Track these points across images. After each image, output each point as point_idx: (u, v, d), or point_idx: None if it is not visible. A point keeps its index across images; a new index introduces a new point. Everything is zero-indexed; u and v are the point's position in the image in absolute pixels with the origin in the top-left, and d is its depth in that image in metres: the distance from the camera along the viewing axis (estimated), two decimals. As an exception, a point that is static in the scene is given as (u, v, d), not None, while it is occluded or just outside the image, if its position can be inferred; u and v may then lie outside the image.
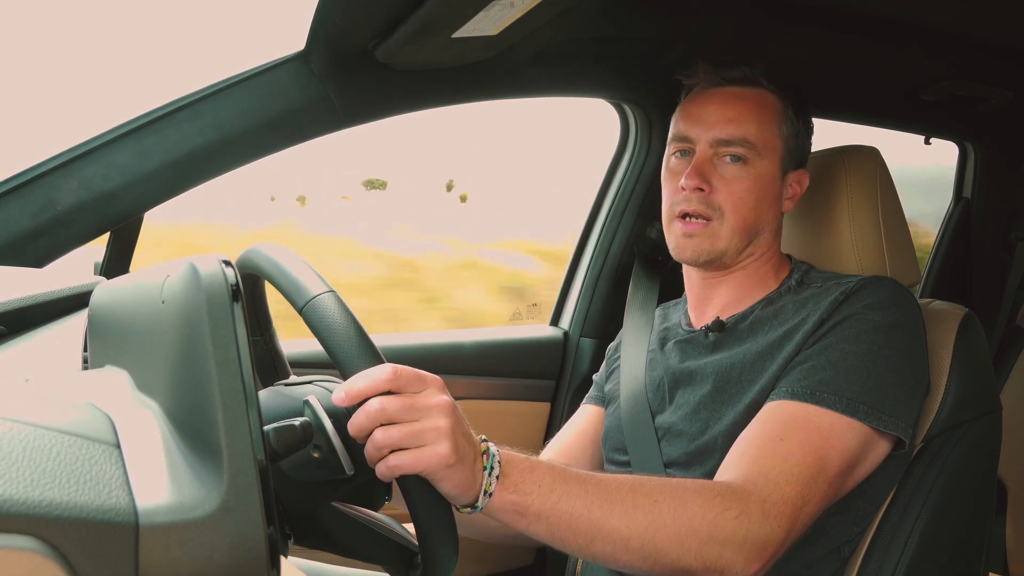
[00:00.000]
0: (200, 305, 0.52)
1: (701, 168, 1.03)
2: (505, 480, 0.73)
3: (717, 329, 1.07)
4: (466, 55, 1.22)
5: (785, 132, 1.07)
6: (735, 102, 1.06)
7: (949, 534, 0.98)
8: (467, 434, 0.72)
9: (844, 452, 0.88)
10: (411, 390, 0.69)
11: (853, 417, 0.89)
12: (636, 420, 1.08)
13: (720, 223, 1.04)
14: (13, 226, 1.06)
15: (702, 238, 1.04)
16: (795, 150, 1.09)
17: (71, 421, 0.49)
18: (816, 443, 0.87)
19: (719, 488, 0.83)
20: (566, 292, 1.74)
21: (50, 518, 0.43)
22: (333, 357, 0.70)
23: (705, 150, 1.05)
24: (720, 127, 1.04)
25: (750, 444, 0.89)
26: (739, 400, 0.98)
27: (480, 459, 0.72)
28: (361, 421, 0.68)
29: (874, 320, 0.94)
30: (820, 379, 0.91)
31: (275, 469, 0.73)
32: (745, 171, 1.04)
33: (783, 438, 0.87)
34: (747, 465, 0.86)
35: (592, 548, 0.78)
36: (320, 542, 0.78)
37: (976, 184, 2.01)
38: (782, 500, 0.83)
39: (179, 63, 2.58)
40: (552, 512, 0.75)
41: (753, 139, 1.04)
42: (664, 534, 0.78)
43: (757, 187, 1.04)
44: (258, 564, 0.48)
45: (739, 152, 1.03)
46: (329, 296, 0.71)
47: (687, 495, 0.80)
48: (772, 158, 1.05)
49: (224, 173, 1.19)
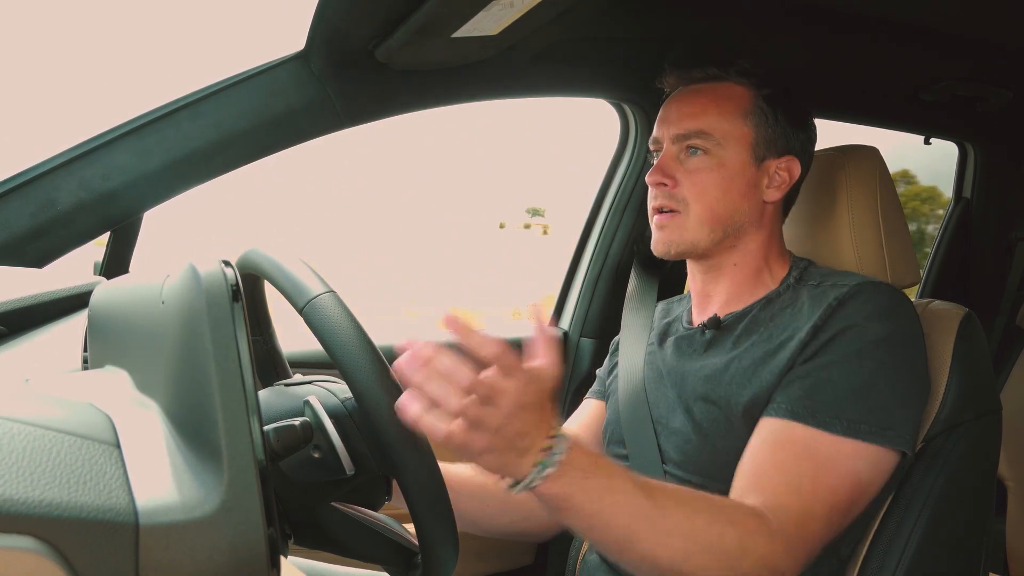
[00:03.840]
0: (200, 305, 0.52)
1: (664, 165, 1.08)
2: (559, 479, 0.73)
3: (713, 326, 1.07)
4: (466, 55, 1.22)
5: (754, 120, 1.07)
6: (694, 98, 1.09)
7: (949, 534, 0.98)
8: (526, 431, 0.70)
9: (855, 480, 0.89)
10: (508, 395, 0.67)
11: (855, 439, 0.89)
12: (634, 416, 1.09)
13: (686, 214, 1.06)
14: (13, 226, 1.07)
15: (671, 230, 1.07)
16: (773, 138, 1.08)
17: (71, 421, 0.49)
18: (829, 477, 0.88)
19: (754, 526, 0.83)
20: (566, 292, 1.74)
21: (50, 518, 0.43)
22: (333, 357, 0.70)
23: (669, 147, 1.08)
24: (678, 123, 1.08)
25: (763, 473, 0.89)
26: (731, 405, 0.98)
27: (536, 455, 0.72)
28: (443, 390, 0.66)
29: (875, 333, 0.93)
30: (823, 400, 0.91)
31: (275, 469, 0.73)
32: (706, 161, 1.06)
33: (800, 473, 0.88)
34: (766, 497, 0.86)
35: (622, 557, 0.81)
36: (320, 542, 0.78)
37: (976, 184, 2.01)
38: (801, 540, 0.85)
39: (179, 63, 2.59)
40: (592, 519, 0.77)
41: (710, 129, 1.06)
42: (693, 563, 0.80)
43: (721, 176, 1.05)
44: (258, 564, 0.48)
45: (697, 144, 1.06)
46: (329, 296, 0.71)
47: (725, 527, 0.81)
48: (738, 147, 1.06)
49: (224, 173, 1.19)
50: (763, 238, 1.09)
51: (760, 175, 1.08)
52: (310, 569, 1.09)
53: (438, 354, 0.67)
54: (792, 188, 1.11)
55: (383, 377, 0.69)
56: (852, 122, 1.73)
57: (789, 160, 1.09)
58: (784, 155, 1.09)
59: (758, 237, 1.09)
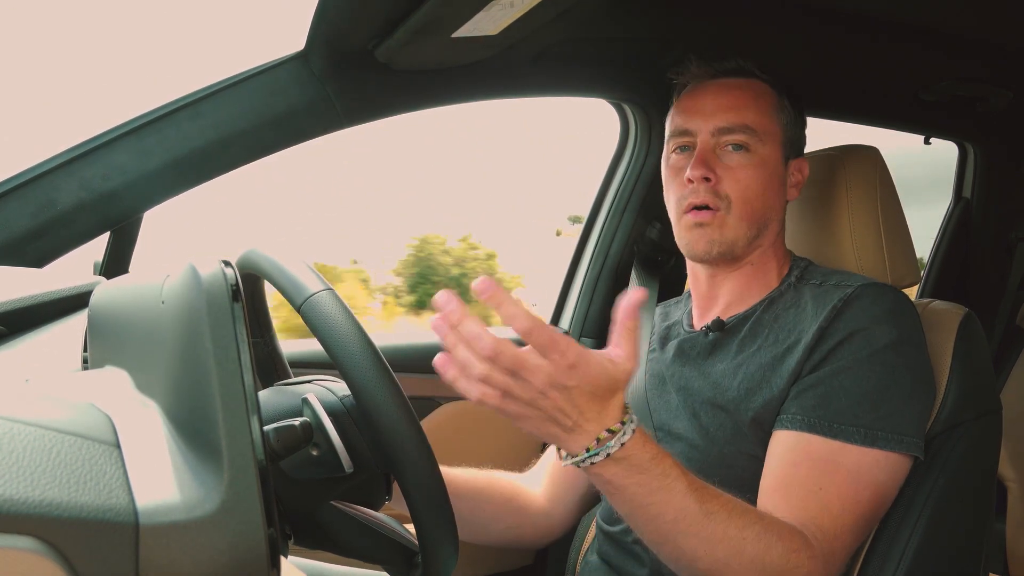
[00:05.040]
0: (200, 305, 0.52)
1: (705, 158, 1.03)
2: (610, 467, 0.73)
3: (717, 329, 1.06)
4: (466, 55, 1.22)
5: (783, 119, 1.07)
6: (732, 91, 1.06)
7: (949, 534, 0.98)
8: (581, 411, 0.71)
9: (877, 490, 0.90)
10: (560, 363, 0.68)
11: (873, 447, 0.89)
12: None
13: (728, 212, 1.03)
14: (13, 226, 1.07)
15: (712, 227, 1.03)
16: (794, 138, 1.09)
17: (71, 421, 0.49)
18: (852, 488, 0.88)
19: (798, 545, 0.83)
20: (566, 292, 1.73)
21: (50, 518, 0.43)
22: (331, 354, 0.70)
23: (707, 140, 1.04)
24: (720, 115, 1.04)
25: (790, 491, 0.89)
26: (740, 411, 0.97)
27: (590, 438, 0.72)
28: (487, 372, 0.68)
29: (882, 337, 0.93)
30: (837, 408, 0.91)
31: (275, 469, 0.73)
32: (748, 159, 1.03)
33: (821, 487, 0.88)
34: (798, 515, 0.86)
35: (660, 549, 0.81)
36: (320, 542, 0.78)
37: (976, 184, 2.00)
38: (832, 555, 0.86)
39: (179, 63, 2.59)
40: (638, 510, 0.77)
41: (754, 125, 1.04)
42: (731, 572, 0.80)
43: (762, 174, 1.04)
44: (258, 564, 0.48)
45: (741, 139, 1.03)
46: (327, 294, 0.71)
47: (771, 543, 0.81)
48: (773, 144, 1.06)
49: (224, 173, 1.19)
50: (774, 237, 1.09)
51: (786, 175, 1.09)
52: (310, 569, 1.08)
53: (464, 319, 0.67)
54: None
55: (381, 375, 0.69)
56: (852, 122, 1.73)
57: (801, 161, 1.11)
58: (800, 155, 1.11)
59: (771, 236, 1.08)
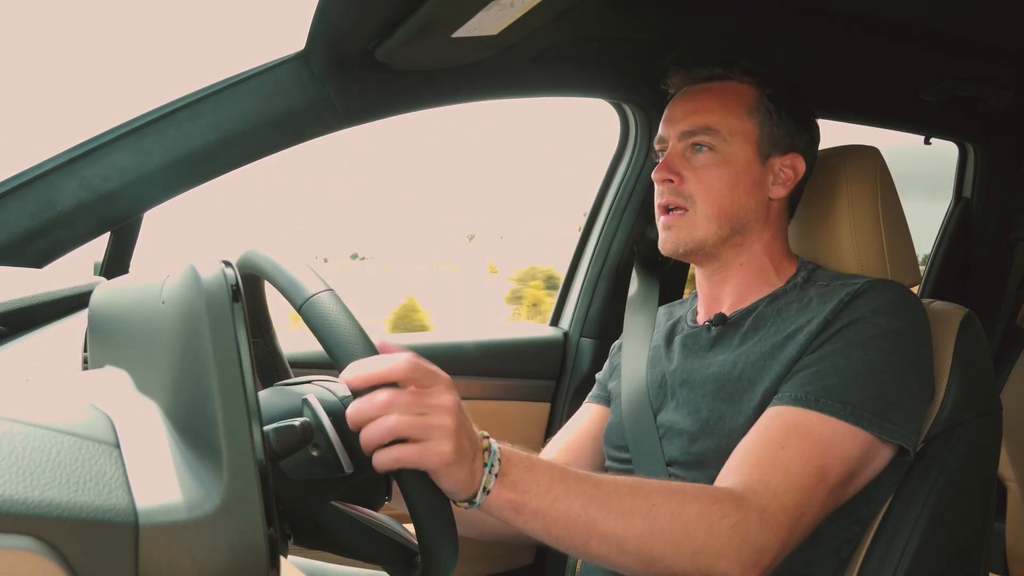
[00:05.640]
0: (200, 306, 0.51)
1: (670, 161, 1.08)
2: (504, 478, 0.74)
3: (719, 322, 1.07)
4: (466, 55, 1.22)
5: (759, 117, 1.08)
6: (700, 96, 1.10)
7: (949, 534, 0.98)
8: (470, 432, 0.72)
9: (845, 461, 0.88)
10: (422, 384, 0.69)
11: (856, 425, 0.88)
12: (637, 418, 1.09)
13: (695, 212, 1.07)
14: (13, 226, 1.07)
15: (679, 228, 1.08)
16: (778, 136, 1.09)
17: (71, 421, 0.49)
18: (818, 452, 0.87)
19: (718, 494, 0.82)
20: (566, 292, 1.74)
21: (50, 518, 0.43)
22: (331, 354, 0.70)
23: (675, 145, 1.09)
24: (684, 120, 1.09)
25: (751, 450, 0.89)
26: (741, 402, 0.97)
27: (480, 456, 0.72)
28: (365, 410, 0.67)
29: (881, 325, 0.94)
30: (824, 385, 0.91)
31: (275, 469, 0.73)
32: (712, 158, 1.07)
33: (784, 446, 0.87)
34: (747, 472, 0.86)
35: (588, 548, 0.79)
36: (320, 542, 0.78)
37: (976, 184, 2.01)
38: (781, 510, 0.83)
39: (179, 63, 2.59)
40: (549, 511, 0.76)
41: (716, 125, 1.06)
42: (660, 539, 0.78)
43: (727, 172, 1.06)
44: (258, 564, 0.48)
45: (703, 140, 1.07)
46: (327, 294, 0.71)
47: (685, 500, 0.80)
48: (743, 143, 1.07)
49: (224, 173, 1.19)
50: (768, 237, 1.10)
51: (765, 172, 1.08)
52: (310, 569, 1.08)
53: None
54: (797, 186, 1.11)
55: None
56: (852, 122, 1.73)
57: (794, 158, 1.10)
58: (788, 152, 1.10)
59: (764, 236, 1.09)
